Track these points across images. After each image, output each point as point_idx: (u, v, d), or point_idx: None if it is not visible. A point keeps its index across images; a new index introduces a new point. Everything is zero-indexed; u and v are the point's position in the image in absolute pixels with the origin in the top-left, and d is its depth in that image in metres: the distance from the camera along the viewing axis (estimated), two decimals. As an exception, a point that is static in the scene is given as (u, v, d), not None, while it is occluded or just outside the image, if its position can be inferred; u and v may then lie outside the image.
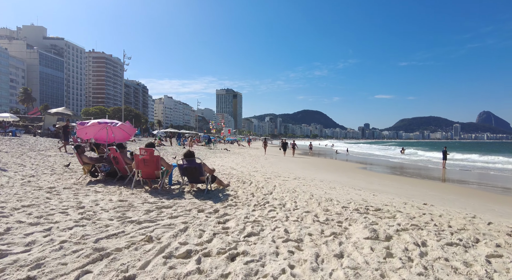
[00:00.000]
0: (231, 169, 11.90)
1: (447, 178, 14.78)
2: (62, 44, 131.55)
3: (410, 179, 13.53)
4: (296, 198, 5.58)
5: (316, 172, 13.57)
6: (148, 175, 5.60)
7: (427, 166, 21.34)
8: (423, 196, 7.99)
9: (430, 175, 15.90)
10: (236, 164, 14.53)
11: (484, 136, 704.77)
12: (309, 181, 9.23)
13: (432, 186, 11.05)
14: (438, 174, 16.36)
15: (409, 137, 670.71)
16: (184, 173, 5.57)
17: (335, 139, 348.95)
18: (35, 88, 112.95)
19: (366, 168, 18.89)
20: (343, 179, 11.19)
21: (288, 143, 29.85)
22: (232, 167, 12.48)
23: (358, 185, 9.66)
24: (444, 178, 14.74)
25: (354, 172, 15.11)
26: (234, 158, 19.36)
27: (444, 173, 16.97)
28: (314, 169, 15.62)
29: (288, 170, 13.20)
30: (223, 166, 13.11)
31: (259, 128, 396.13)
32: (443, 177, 15.11)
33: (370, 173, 15.85)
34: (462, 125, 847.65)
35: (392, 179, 13.04)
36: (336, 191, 7.30)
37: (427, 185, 11.57)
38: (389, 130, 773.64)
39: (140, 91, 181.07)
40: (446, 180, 14.02)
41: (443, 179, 14.37)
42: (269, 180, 8.63)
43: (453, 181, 13.82)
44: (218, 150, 27.36)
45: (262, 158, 21.01)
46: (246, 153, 26.76)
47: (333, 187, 8.06)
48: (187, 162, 5.36)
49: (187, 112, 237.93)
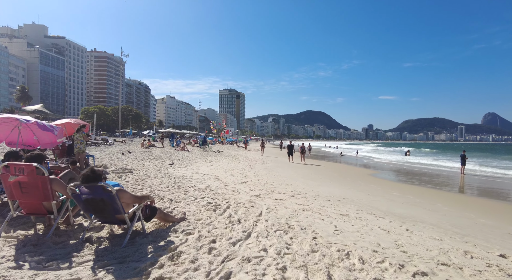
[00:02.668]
0: (215, 179, 9.59)
1: (483, 190, 12.34)
2: (63, 43, 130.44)
3: (436, 193, 11.10)
4: (288, 251, 3.23)
5: (321, 183, 11.19)
6: (33, 209, 3.27)
7: (444, 172, 18.81)
8: (477, 229, 5.61)
9: (452, 183, 13.49)
10: (225, 171, 12.22)
11: (489, 138, 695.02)
12: (311, 200, 6.87)
13: (477, 207, 8.64)
14: (465, 183, 13.89)
15: (413, 138, 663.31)
16: (86, 209, 3.20)
17: (338, 140, 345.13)
18: (36, 87, 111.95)
19: (378, 174, 16.46)
20: (355, 195, 8.81)
21: (296, 146, 24.38)
22: (217, 177, 10.16)
23: (378, 205, 7.28)
24: (474, 189, 12.30)
25: (366, 182, 12.71)
26: (226, 162, 17.04)
27: (462, 180, 14.53)
28: (317, 177, 13.24)
29: (286, 180, 10.85)
30: (207, 174, 10.80)
31: (262, 128, 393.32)
32: (467, 187, 12.66)
33: (385, 183, 13.40)
34: (467, 126, 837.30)
35: (415, 192, 10.61)
36: (350, 223, 4.93)
37: (466, 203, 9.16)
38: (393, 131, 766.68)
39: (142, 90, 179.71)
40: (482, 192, 11.58)
41: (474, 190, 11.93)
42: (256, 200, 6.28)
43: (492, 194, 11.37)
44: (212, 153, 25.05)
45: (259, 162, 18.66)
46: (242, 155, 24.42)
47: (345, 213, 5.68)
48: (88, 190, 3.00)
49: (190, 112, 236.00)
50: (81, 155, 9.46)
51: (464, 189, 12.28)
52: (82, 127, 9.92)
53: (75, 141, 9.55)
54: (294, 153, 21.89)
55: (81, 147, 9.46)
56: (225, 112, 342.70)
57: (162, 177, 9.09)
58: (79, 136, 9.58)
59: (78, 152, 9.45)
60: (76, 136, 9.57)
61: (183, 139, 59.70)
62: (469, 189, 12.31)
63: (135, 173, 9.55)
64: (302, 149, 21.61)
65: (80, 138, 9.57)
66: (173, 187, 7.35)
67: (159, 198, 5.72)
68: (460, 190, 12.09)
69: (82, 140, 9.59)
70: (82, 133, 9.79)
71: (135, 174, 9.35)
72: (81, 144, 9.51)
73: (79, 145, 9.45)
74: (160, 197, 5.77)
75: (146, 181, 8.11)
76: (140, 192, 6.49)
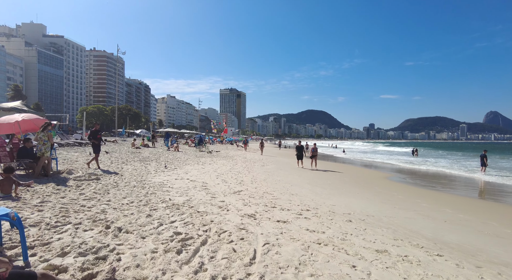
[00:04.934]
0: (201, 187, 7.70)
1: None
2: (61, 42, 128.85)
3: (474, 203, 9.17)
4: None
5: (331, 190, 9.27)
6: None
7: (462, 175, 16.82)
8: None
9: (488, 190, 11.55)
10: (217, 176, 10.33)
11: (491, 137, 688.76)
12: (327, 222, 4.96)
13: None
14: (498, 189, 11.92)
15: (414, 138, 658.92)
16: None
17: (339, 139, 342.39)
18: (34, 87, 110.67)
19: (392, 178, 14.51)
20: (380, 208, 6.86)
21: (305, 146, 21.50)
22: (205, 184, 8.26)
23: (417, 227, 5.34)
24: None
25: (384, 188, 10.76)
26: (221, 164, 15.15)
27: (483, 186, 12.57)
28: (325, 182, 11.30)
29: (290, 188, 8.95)
30: (194, 180, 8.91)
31: (263, 128, 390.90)
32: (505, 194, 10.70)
33: (407, 189, 11.42)
34: (469, 125, 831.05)
35: (448, 203, 8.66)
36: (398, 272, 3.03)
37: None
38: (394, 130, 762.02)
39: (142, 90, 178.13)
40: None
41: None
42: (250, 226, 4.37)
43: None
44: (208, 153, 23.15)
45: (258, 164, 16.76)
46: (240, 156, 22.51)
47: (382, 249, 3.75)
48: None
49: (190, 112, 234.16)
50: (43, 159, 7.67)
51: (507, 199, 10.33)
52: (48, 125, 8.09)
53: (38, 142, 7.76)
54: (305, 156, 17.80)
55: (42, 148, 7.66)
56: (226, 112, 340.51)
57: (134, 186, 7.21)
58: (43, 135, 7.79)
59: (39, 155, 7.66)
60: (40, 136, 7.77)
61: (181, 138, 57.95)
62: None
63: (102, 180, 7.69)
64: (313, 150, 17.27)
65: (44, 138, 7.78)
66: (139, 202, 5.47)
67: (103, 226, 3.83)
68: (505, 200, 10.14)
69: (46, 140, 7.80)
70: (49, 132, 8.00)
71: (102, 181, 7.48)
72: (44, 145, 7.70)
73: (41, 146, 7.66)
74: (107, 225, 3.88)
75: (109, 192, 6.23)
76: (88, 210, 4.60)
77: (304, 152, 16.83)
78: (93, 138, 10.14)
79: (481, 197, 10.33)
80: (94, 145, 10.12)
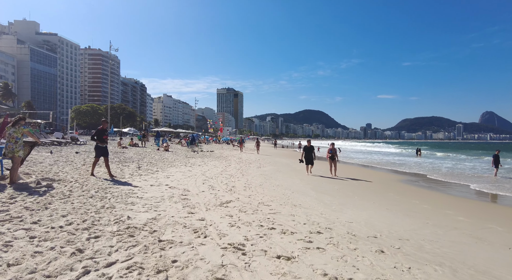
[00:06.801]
0: (180, 196, 6.06)
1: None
2: (55, 40, 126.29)
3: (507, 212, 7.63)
4: None
5: (341, 199, 7.64)
6: None
7: (482, 176, 15.30)
8: None
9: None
10: (204, 180, 8.69)
11: (487, 137, 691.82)
12: (349, 255, 3.36)
13: None
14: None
15: (411, 137, 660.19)
16: None
17: (337, 139, 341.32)
18: (26, 85, 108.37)
19: (405, 180, 12.93)
20: (413, 227, 5.22)
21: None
22: (186, 192, 6.61)
23: (482, 262, 3.69)
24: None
25: (403, 195, 9.15)
26: (212, 165, 13.51)
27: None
28: (333, 188, 9.67)
29: (291, 196, 7.32)
30: (174, 187, 7.27)
31: (260, 127, 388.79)
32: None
33: (429, 195, 9.81)
34: (465, 125, 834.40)
35: (487, 214, 7.12)
36: None
37: None
38: (391, 130, 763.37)
39: (138, 89, 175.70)
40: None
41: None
42: (234, 271, 2.77)
43: None
44: (201, 153, 21.48)
45: (254, 165, 15.12)
46: (235, 156, 20.85)
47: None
48: None
49: (187, 111, 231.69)
50: (16, 160, 6.11)
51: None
52: (20, 119, 6.44)
53: (8, 139, 6.15)
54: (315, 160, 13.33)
55: (13, 147, 6.06)
56: (223, 111, 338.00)
57: (91, 197, 5.56)
58: (14, 131, 6.18)
59: (9, 155, 6.07)
60: (9, 132, 6.17)
61: (176, 138, 56.16)
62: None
63: (56, 189, 6.02)
64: (331, 152, 12.98)
65: (16, 135, 6.16)
66: (79, 225, 3.80)
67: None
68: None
69: (18, 138, 6.19)
70: (22, 127, 6.37)
71: (52, 190, 5.81)
72: (15, 143, 6.11)
73: (11, 145, 6.07)
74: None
75: (47, 207, 4.57)
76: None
77: (314, 155, 13.17)
78: (97, 138, 8.17)
79: (498, 202, 8.79)
80: (98, 147, 8.22)
